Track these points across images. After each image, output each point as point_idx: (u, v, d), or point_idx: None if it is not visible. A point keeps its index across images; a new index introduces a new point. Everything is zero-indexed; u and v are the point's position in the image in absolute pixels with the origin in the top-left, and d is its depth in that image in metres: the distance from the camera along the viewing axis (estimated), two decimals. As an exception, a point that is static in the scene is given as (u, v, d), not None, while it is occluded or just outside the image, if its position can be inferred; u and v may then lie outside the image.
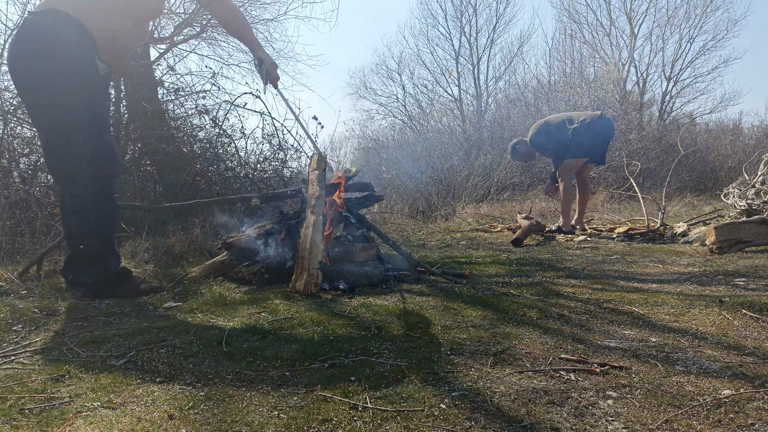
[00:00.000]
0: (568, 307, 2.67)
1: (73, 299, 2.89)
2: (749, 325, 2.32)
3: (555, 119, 6.01)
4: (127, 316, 2.63)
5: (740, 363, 1.86)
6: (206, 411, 1.52)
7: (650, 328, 2.29)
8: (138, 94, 5.52)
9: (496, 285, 3.22)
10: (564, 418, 1.46)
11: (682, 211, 8.22)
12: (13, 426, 1.45)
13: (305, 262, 3.00)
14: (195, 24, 6.34)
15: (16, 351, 2.08)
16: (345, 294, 3.02)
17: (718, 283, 3.20)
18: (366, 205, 4.07)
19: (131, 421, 1.46)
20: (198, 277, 3.41)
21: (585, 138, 5.64)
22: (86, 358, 1.98)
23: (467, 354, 1.97)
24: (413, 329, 2.28)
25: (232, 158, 6.03)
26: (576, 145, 5.68)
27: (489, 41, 21.11)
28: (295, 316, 2.49)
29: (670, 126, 16.78)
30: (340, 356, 1.94)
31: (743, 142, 15.76)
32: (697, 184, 11.78)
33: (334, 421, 1.45)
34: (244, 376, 1.79)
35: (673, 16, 20.39)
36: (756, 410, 1.50)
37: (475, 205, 8.81)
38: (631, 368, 1.81)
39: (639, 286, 3.17)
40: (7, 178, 4.81)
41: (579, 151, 5.71)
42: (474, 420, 1.45)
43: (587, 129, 5.63)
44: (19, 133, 5.17)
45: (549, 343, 2.09)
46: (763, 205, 5.92)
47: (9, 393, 1.66)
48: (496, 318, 2.46)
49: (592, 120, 5.68)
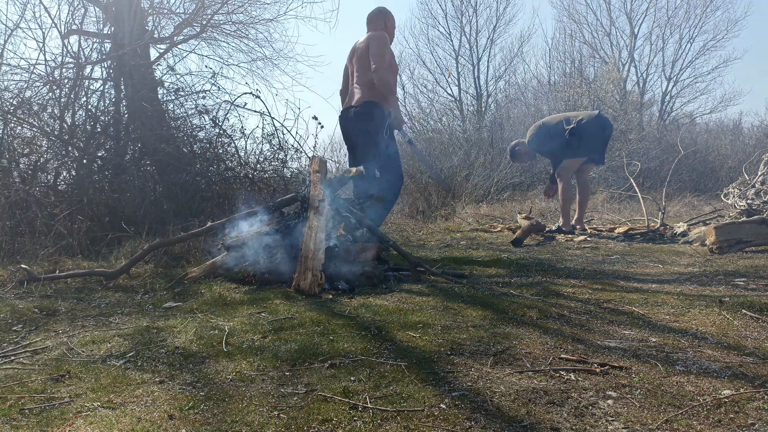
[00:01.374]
0: (568, 307, 2.67)
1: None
2: (749, 325, 2.32)
3: (552, 120, 6.02)
4: (127, 316, 2.63)
5: (740, 363, 1.86)
6: (206, 411, 1.52)
7: (650, 328, 2.29)
8: (138, 94, 5.52)
9: (496, 285, 3.22)
10: (564, 418, 1.46)
11: (682, 211, 8.21)
12: (13, 426, 1.45)
13: (309, 262, 3.02)
14: (195, 24, 6.34)
15: (16, 351, 2.08)
16: (345, 294, 3.02)
17: (718, 283, 3.20)
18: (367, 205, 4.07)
19: (131, 421, 1.46)
20: (198, 277, 3.41)
21: (582, 138, 5.64)
22: (86, 358, 1.98)
23: (467, 354, 1.97)
24: (413, 329, 2.28)
25: (232, 158, 6.03)
26: (573, 145, 5.68)
27: (489, 41, 21.09)
28: (295, 316, 2.49)
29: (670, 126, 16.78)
30: (340, 356, 1.94)
31: (743, 142, 15.74)
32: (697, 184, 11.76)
33: (334, 421, 1.45)
34: (244, 376, 1.79)
35: (673, 16, 20.38)
36: (756, 410, 1.50)
37: (475, 205, 8.81)
38: (631, 368, 1.81)
39: (639, 286, 3.17)
40: (7, 178, 4.81)
41: (577, 151, 5.71)
42: (474, 420, 1.45)
43: (584, 129, 5.63)
44: (19, 133, 5.17)
45: (549, 343, 2.09)
46: (763, 205, 5.92)
47: (9, 393, 1.66)
48: (496, 318, 2.46)
49: (588, 119, 5.68)
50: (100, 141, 5.58)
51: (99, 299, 2.96)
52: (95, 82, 5.72)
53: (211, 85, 7.50)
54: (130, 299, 2.93)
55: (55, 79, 5.31)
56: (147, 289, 3.21)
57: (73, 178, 5.33)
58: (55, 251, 3.99)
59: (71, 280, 3.37)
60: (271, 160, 6.09)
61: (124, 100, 5.74)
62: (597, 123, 5.69)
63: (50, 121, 5.33)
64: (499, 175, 10.17)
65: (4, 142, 4.87)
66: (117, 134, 5.72)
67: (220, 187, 5.66)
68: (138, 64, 5.65)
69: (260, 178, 5.90)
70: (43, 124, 5.23)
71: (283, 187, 5.71)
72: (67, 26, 5.62)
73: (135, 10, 5.60)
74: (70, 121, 5.39)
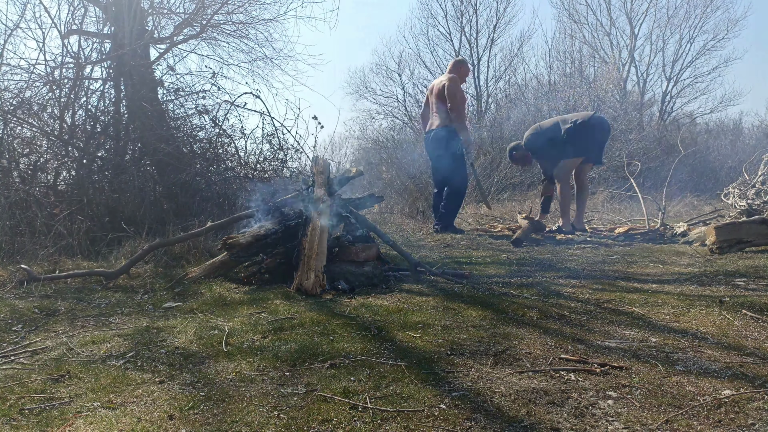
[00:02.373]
0: (569, 307, 2.67)
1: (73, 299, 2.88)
2: (749, 325, 2.32)
3: (548, 122, 6.06)
4: (127, 316, 2.63)
5: (740, 363, 1.85)
6: (206, 411, 1.52)
7: (650, 329, 2.29)
8: (138, 94, 5.52)
9: (496, 285, 3.22)
10: (564, 418, 1.46)
11: (683, 211, 8.21)
12: (13, 426, 1.45)
13: (312, 262, 3.01)
14: (195, 24, 6.34)
15: (16, 351, 2.08)
16: (345, 294, 3.02)
17: (719, 283, 3.20)
18: (367, 206, 4.07)
19: (131, 421, 1.46)
20: (198, 277, 3.41)
21: (579, 138, 5.65)
22: (86, 358, 1.98)
23: (467, 354, 1.97)
24: (413, 329, 2.27)
25: (232, 158, 6.03)
26: (570, 145, 5.69)
27: (489, 41, 21.11)
28: (295, 316, 2.49)
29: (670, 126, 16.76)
30: (340, 356, 1.94)
31: (743, 142, 15.74)
32: (697, 184, 11.75)
33: (334, 421, 1.45)
34: (244, 376, 1.78)
35: (673, 16, 20.38)
36: (756, 410, 1.49)
37: (475, 205, 8.80)
38: (632, 368, 1.81)
39: (639, 286, 3.17)
40: (7, 178, 4.81)
41: (574, 151, 5.72)
42: (474, 420, 1.45)
43: (580, 129, 5.64)
44: (19, 133, 5.17)
45: (549, 344, 2.09)
46: (763, 205, 5.91)
47: (9, 393, 1.66)
48: (496, 318, 2.46)
49: (584, 120, 5.69)
50: (100, 141, 5.58)
51: (99, 299, 2.96)
52: (95, 82, 5.73)
53: (211, 85, 7.51)
54: (130, 299, 2.93)
55: (55, 79, 5.31)
56: (147, 289, 3.20)
57: (73, 178, 5.33)
58: (55, 251, 3.99)
59: (71, 280, 3.37)
60: (271, 160, 6.09)
61: (124, 100, 5.74)
62: (592, 123, 5.70)
63: (50, 121, 5.33)
64: (499, 175, 10.17)
65: (4, 142, 4.87)
66: (117, 134, 5.72)
67: (220, 187, 5.66)
68: (138, 64, 5.64)
69: (260, 178, 5.89)
70: (43, 124, 5.23)
71: (282, 187, 5.71)
72: (67, 26, 5.62)
73: (135, 10, 5.60)
74: (70, 121, 5.39)
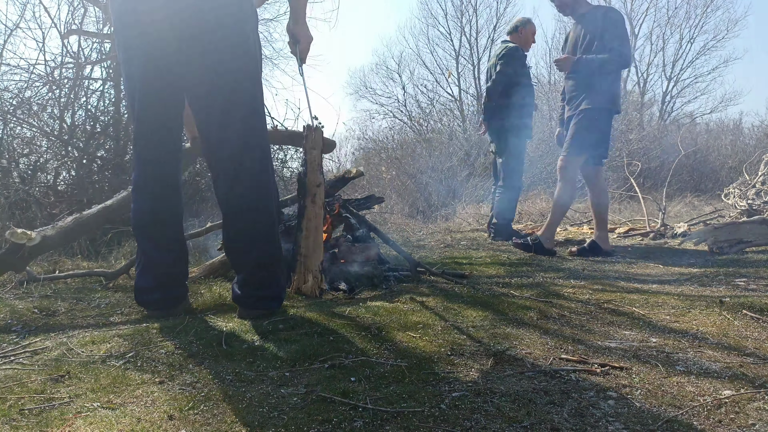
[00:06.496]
0: (569, 307, 2.66)
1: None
2: (750, 325, 2.32)
3: None
4: (127, 316, 2.63)
5: (741, 363, 1.85)
6: (206, 411, 1.52)
7: (651, 329, 2.29)
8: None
9: (497, 285, 3.21)
10: (564, 418, 1.46)
11: (683, 211, 8.21)
12: (12, 426, 1.45)
13: (309, 262, 2.87)
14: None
15: (16, 351, 2.08)
16: (345, 294, 3.01)
17: (719, 283, 3.19)
18: (368, 206, 4.07)
19: (131, 422, 1.46)
20: (197, 277, 3.41)
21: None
22: (86, 358, 1.98)
23: (467, 354, 1.97)
24: (413, 329, 2.27)
25: (232, 158, 6.01)
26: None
27: (489, 41, 21.14)
28: (294, 317, 2.49)
29: (670, 126, 16.78)
30: (340, 356, 1.94)
31: (744, 142, 15.75)
32: (698, 184, 11.77)
33: (334, 421, 1.45)
34: (244, 376, 1.78)
35: (673, 16, 20.44)
36: (756, 411, 1.49)
37: (475, 205, 8.80)
38: (632, 369, 1.81)
39: (639, 286, 3.17)
40: (7, 178, 4.81)
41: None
42: (474, 420, 1.45)
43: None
44: (19, 133, 5.17)
45: (549, 344, 2.09)
46: (763, 205, 5.91)
47: (9, 393, 1.66)
48: (497, 318, 2.46)
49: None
50: (100, 141, 5.58)
51: (99, 299, 2.96)
52: (95, 82, 5.73)
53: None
54: (130, 299, 2.93)
55: (55, 79, 5.32)
56: (147, 290, 3.20)
57: (72, 178, 5.33)
58: (54, 251, 3.98)
59: (71, 281, 3.37)
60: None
61: (124, 100, 5.74)
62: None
63: (50, 121, 5.33)
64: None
65: (4, 142, 4.87)
66: (117, 134, 5.72)
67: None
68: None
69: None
70: (42, 124, 5.23)
71: (282, 187, 5.71)
72: (66, 26, 5.62)
73: (135, 10, 5.59)
74: (69, 121, 5.39)
